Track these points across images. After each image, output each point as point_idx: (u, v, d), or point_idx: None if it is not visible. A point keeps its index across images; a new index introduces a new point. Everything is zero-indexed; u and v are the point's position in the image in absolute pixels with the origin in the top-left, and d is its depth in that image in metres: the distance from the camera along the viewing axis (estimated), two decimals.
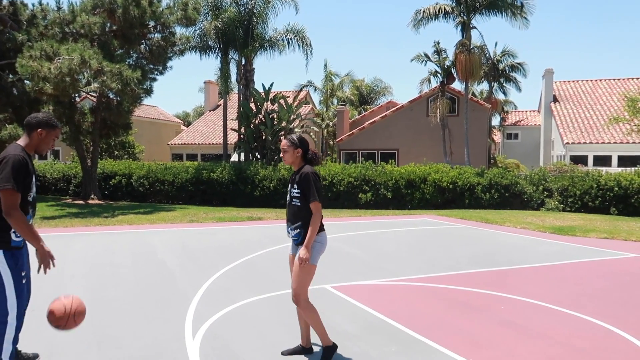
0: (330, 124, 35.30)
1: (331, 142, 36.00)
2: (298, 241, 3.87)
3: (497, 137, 36.28)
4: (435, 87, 24.83)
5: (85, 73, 14.91)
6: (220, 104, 32.72)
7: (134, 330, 4.53)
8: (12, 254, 3.28)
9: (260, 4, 21.72)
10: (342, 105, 33.98)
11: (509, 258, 8.28)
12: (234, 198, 17.63)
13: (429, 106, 25.95)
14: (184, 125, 42.71)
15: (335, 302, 5.50)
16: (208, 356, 3.96)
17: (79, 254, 8.21)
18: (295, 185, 3.86)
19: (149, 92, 18.68)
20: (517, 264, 7.76)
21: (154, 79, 19.03)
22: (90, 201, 17.77)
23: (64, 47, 14.42)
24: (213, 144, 29.12)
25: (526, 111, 37.56)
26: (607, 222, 13.11)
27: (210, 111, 33.94)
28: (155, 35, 18.56)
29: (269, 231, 11.15)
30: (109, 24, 16.99)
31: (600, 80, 29.90)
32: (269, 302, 5.48)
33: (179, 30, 19.46)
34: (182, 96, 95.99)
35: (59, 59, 14.00)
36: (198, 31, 21.83)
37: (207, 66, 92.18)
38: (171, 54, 19.30)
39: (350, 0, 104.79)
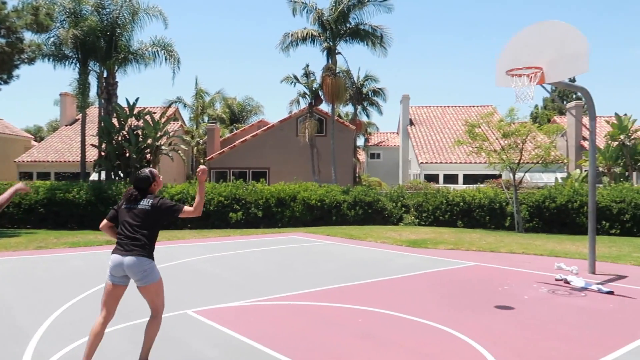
0: (201, 141, 34.52)
1: (201, 160, 35.14)
2: None
3: (362, 156, 38.48)
4: (304, 108, 25.65)
5: None
6: (79, 119, 30.18)
7: None
8: None
9: (125, 15, 20.65)
10: (212, 123, 33.48)
11: (370, 272, 8.79)
12: (93, 220, 16.23)
13: (298, 126, 26.72)
14: (35, 140, 38.49)
15: (196, 328, 5.33)
16: None
17: None
18: None
19: None
20: (377, 277, 8.26)
21: None
22: None
23: None
24: (70, 161, 26.64)
25: (387, 133, 40.49)
26: (454, 234, 14.59)
27: (66, 126, 31.12)
28: None
29: None
30: None
31: (448, 106, 33.48)
32: (125, 333, 5.14)
33: (29, 36, 17.69)
34: (34, 109, 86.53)
35: None
36: (53, 38, 20.04)
37: (64, 77, 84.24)
38: (18, 62, 17.42)
39: (221, 18, 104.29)
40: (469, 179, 24.60)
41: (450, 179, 25.11)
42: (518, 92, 8.38)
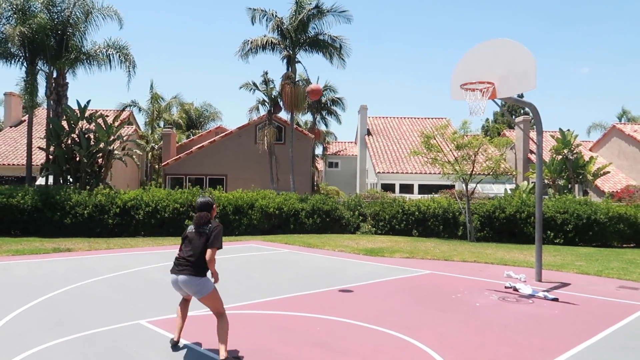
0: (156, 147, 33.75)
1: (156, 166, 34.35)
2: None
3: (320, 165, 38.67)
4: (263, 115, 25.55)
5: None
6: (25, 120, 28.88)
7: None
8: None
9: (78, 14, 19.98)
10: (168, 128, 32.81)
11: (327, 280, 8.83)
12: (39, 227, 15.58)
13: (257, 133, 26.59)
14: None
15: (150, 338, 5.20)
16: None
17: None
18: None
19: None
20: (334, 286, 8.31)
21: None
22: None
23: None
24: (14, 164, 25.40)
25: (345, 142, 40.90)
26: (409, 243, 14.88)
27: (11, 127, 29.71)
28: None
29: (79, 264, 10.09)
30: None
31: (405, 117, 34.22)
32: (72, 345, 4.94)
33: None
34: None
35: None
36: None
37: (9, 76, 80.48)
38: None
39: (179, 22, 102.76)
40: (424, 189, 25.18)
41: (406, 188, 25.61)
42: (471, 105, 8.70)
